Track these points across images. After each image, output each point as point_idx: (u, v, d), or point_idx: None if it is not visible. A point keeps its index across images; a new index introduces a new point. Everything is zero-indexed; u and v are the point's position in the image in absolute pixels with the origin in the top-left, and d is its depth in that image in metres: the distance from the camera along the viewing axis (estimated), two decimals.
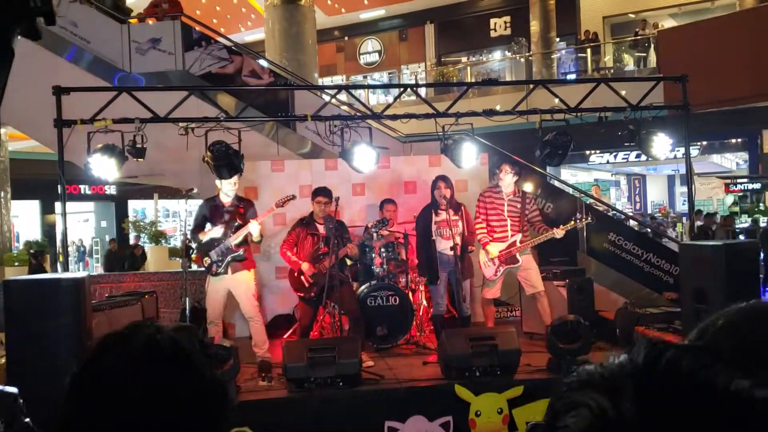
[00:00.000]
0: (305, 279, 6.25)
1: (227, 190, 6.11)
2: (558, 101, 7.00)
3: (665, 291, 7.82)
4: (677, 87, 6.97)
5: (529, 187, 8.46)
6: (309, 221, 6.38)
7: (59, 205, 6.10)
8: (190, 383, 0.89)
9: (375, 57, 24.82)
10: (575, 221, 6.47)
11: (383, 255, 7.13)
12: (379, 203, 7.52)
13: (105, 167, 6.08)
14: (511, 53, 21.04)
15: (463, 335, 5.59)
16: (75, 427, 0.89)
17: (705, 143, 17.91)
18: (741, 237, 13.72)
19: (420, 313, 7.19)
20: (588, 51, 18.54)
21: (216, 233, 6.03)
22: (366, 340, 6.45)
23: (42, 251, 15.94)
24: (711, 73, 10.60)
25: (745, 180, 17.80)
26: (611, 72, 17.90)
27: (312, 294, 6.23)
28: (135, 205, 21.42)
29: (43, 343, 4.49)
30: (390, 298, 6.84)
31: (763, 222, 15.62)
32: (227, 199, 6.13)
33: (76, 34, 8.46)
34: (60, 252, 6.49)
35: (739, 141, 18.08)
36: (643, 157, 8.86)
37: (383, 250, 7.15)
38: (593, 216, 6.76)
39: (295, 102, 8.99)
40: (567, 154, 6.85)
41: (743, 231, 14.54)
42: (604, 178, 22.00)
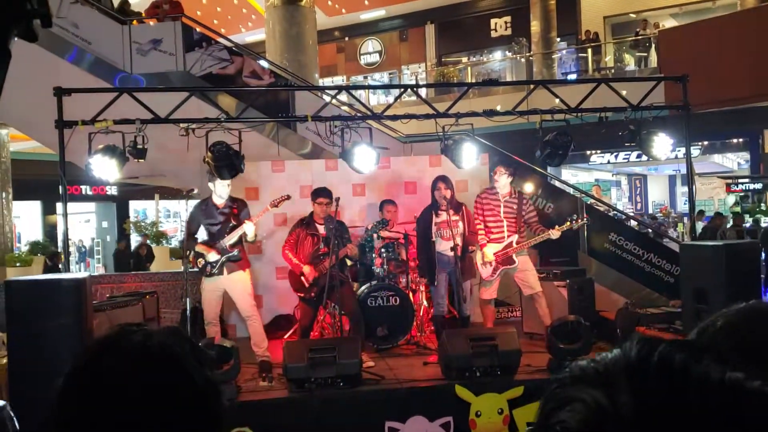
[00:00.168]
0: (305, 279, 6.25)
1: (221, 191, 6.11)
2: (558, 101, 7.00)
3: (666, 293, 7.82)
4: (678, 87, 6.97)
5: (530, 188, 8.47)
6: (309, 222, 6.39)
7: (60, 206, 6.12)
8: (182, 388, 0.88)
9: (375, 57, 24.82)
10: (571, 222, 6.49)
11: (383, 255, 7.13)
12: (379, 204, 7.53)
13: (106, 168, 6.09)
14: (512, 53, 21.03)
15: (464, 336, 5.59)
16: None
17: (706, 143, 17.89)
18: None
19: (420, 314, 7.19)
20: (589, 51, 18.52)
21: (210, 258, 6.01)
22: (366, 340, 6.45)
23: (57, 252, 16.01)
24: (712, 73, 10.60)
25: (747, 180, 17.78)
26: (612, 72, 17.88)
27: (312, 294, 6.24)
28: (136, 206, 21.44)
29: (44, 344, 4.49)
30: (390, 298, 6.85)
31: (765, 222, 15.61)
32: (220, 201, 6.13)
33: (77, 35, 8.46)
34: (61, 252, 6.49)
35: (740, 141, 18.06)
36: (644, 157, 8.84)
37: (383, 250, 7.16)
38: (588, 217, 6.76)
39: (296, 102, 9.00)
40: (567, 154, 6.85)
41: (745, 231, 14.51)
42: (604, 178, 21.98)
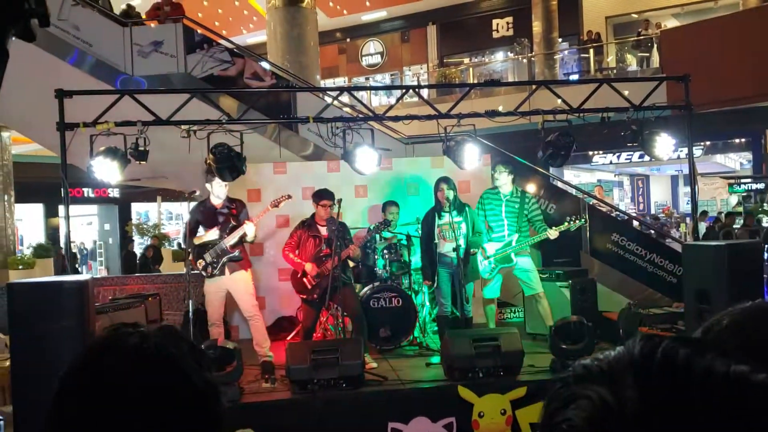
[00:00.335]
0: (308, 281, 6.25)
1: (218, 192, 6.12)
2: (560, 102, 6.98)
3: (668, 294, 7.79)
4: (680, 87, 6.95)
5: (532, 188, 8.46)
6: (310, 223, 6.38)
7: (62, 208, 6.11)
8: (180, 390, 0.87)
9: (377, 59, 24.82)
10: (568, 223, 6.50)
11: (386, 256, 7.13)
12: (382, 205, 7.52)
13: (107, 170, 6.09)
14: (514, 54, 21.02)
15: (466, 336, 5.59)
16: None
17: (708, 143, 17.87)
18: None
19: (423, 315, 7.18)
20: (590, 51, 18.50)
21: (211, 236, 6.03)
22: (369, 341, 6.44)
23: (73, 253, 16.05)
24: (714, 73, 10.58)
25: (749, 180, 17.76)
26: (614, 72, 17.86)
27: (315, 296, 6.23)
28: (138, 208, 21.47)
29: (47, 346, 4.49)
30: (393, 299, 6.84)
31: (767, 222, 15.58)
32: (218, 201, 6.14)
33: (78, 37, 8.47)
34: (63, 255, 6.49)
35: (743, 141, 18.03)
36: (646, 158, 8.84)
37: (386, 251, 7.15)
38: (585, 217, 6.76)
39: (297, 104, 8.99)
40: (570, 154, 6.84)
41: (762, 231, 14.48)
42: (607, 178, 21.96)
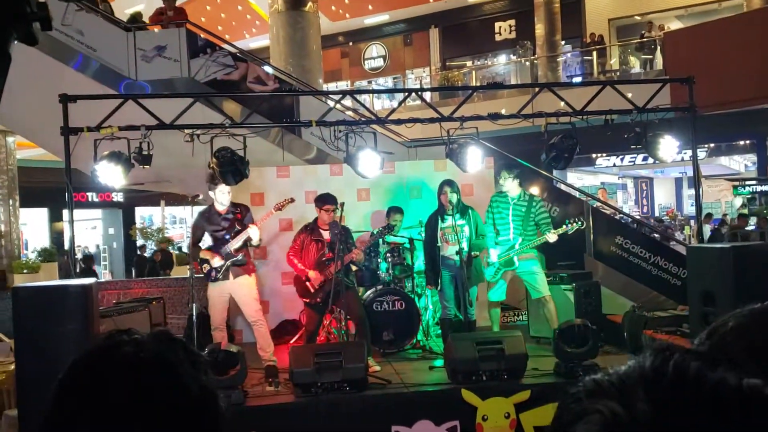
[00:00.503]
0: (311, 285, 6.25)
1: (221, 199, 6.13)
2: (564, 104, 6.98)
3: (673, 297, 7.77)
4: (684, 89, 6.94)
5: (536, 191, 8.45)
6: (313, 227, 6.39)
7: (67, 213, 6.13)
8: (178, 398, 0.86)
9: (380, 62, 24.85)
10: (566, 225, 6.49)
11: (389, 260, 7.13)
12: (386, 210, 7.52)
13: (111, 174, 6.10)
14: (516, 57, 21.02)
15: (470, 339, 5.58)
16: None
17: (712, 145, 17.81)
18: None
19: (426, 318, 7.18)
20: (594, 54, 18.50)
21: (215, 263, 6.04)
22: (372, 344, 6.44)
23: (90, 255, 16.11)
24: (718, 75, 10.55)
25: (754, 182, 17.69)
26: (617, 74, 17.86)
27: (318, 299, 6.23)
28: (142, 212, 21.53)
29: (52, 350, 4.49)
30: (396, 302, 6.84)
31: None
32: (222, 207, 6.15)
33: (82, 42, 8.51)
34: (68, 259, 6.51)
35: (747, 143, 17.97)
36: (650, 160, 8.82)
37: (389, 254, 7.15)
38: (582, 220, 6.76)
39: (300, 108, 9.01)
40: (573, 157, 6.83)
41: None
42: (610, 181, 21.94)
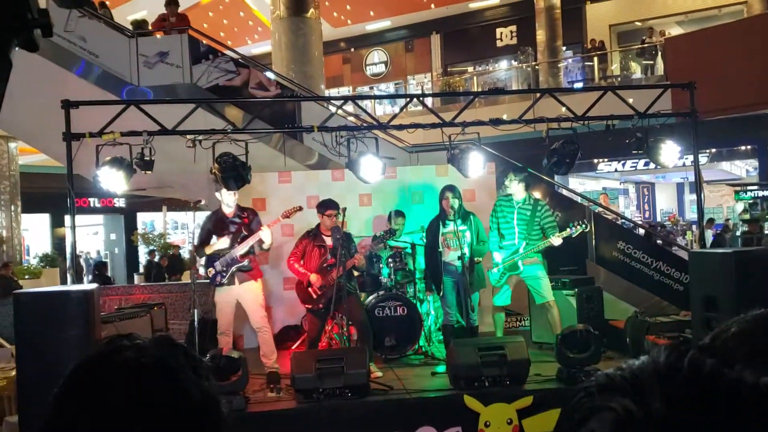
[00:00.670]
0: (313, 291, 6.24)
1: (228, 200, 6.14)
2: (565, 110, 6.98)
3: (675, 302, 7.75)
4: (685, 94, 6.94)
5: (538, 196, 8.44)
6: (316, 233, 6.39)
7: (69, 218, 6.13)
8: (180, 404, 0.85)
9: (381, 68, 24.90)
10: (570, 228, 6.48)
11: (391, 265, 7.12)
12: (389, 214, 7.51)
13: (113, 180, 6.11)
14: (518, 63, 21.05)
15: (472, 345, 5.57)
16: None
17: (714, 151, 17.80)
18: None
19: (428, 323, 7.17)
20: (595, 59, 18.53)
21: (222, 244, 6.04)
22: (374, 350, 6.43)
23: (104, 262, 16.12)
24: (719, 80, 10.55)
25: (756, 187, 17.66)
26: (618, 80, 17.86)
27: (320, 305, 6.23)
28: (144, 218, 21.54)
29: (53, 355, 4.49)
30: (398, 308, 6.83)
31: None
32: (230, 210, 6.16)
33: (84, 48, 8.53)
34: (70, 265, 6.52)
35: (749, 148, 17.96)
36: (652, 165, 8.79)
37: (391, 260, 7.14)
38: (587, 223, 6.75)
39: (302, 113, 9.02)
40: (574, 162, 6.84)
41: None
42: (612, 186, 21.91)
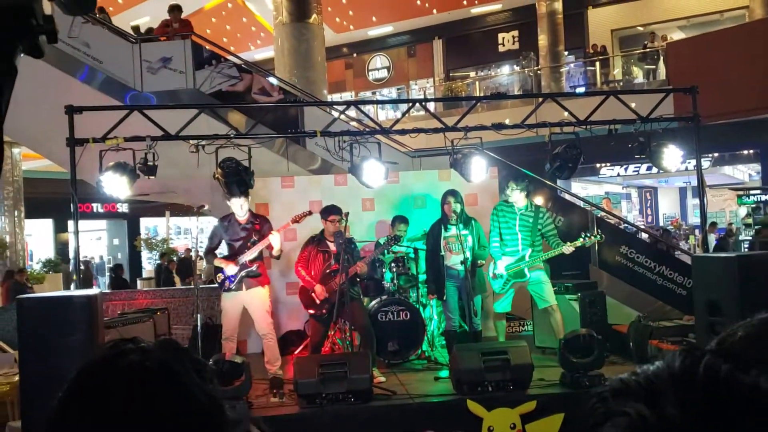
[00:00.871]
0: (316, 296, 6.25)
1: (237, 210, 6.15)
2: (567, 114, 6.99)
3: (678, 306, 7.73)
4: (687, 99, 6.94)
5: (540, 201, 8.44)
6: (320, 239, 6.40)
7: (72, 224, 6.14)
8: (185, 408, 0.84)
9: (384, 73, 24.93)
10: (584, 239, 6.45)
11: (394, 270, 7.12)
12: (391, 220, 7.51)
13: (117, 185, 6.13)
14: (520, 67, 21.07)
15: (475, 350, 5.56)
16: None
17: (716, 155, 17.78)
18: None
19: (431, 328, 7.16)
20: (597, 64, 18.53)
21: (229, 271, 6.05)
22: (377, 355, 6.43)
23: (120, 265, 16.11)
24: (721, 85, 10.56)
25: (758, 191, 17.63)
26: (620, 85, 17.87)
27: (323, 311, 6.23)
28: (147, 223, 21.58)
29: (56, 361, 4.49)
30: (401, 313, 6.82)
31: None
32: (243, 217, 6.16)
33: (88, 54, 8.56)
34: (73, 270, 6.53)
35: (751, 152, 17.94)
36: (654, 170, 8.82)
37: (393, 264, 7.14)
38: (601, 233, 6.74)
39: (305, 118, 9.04)
40: (577, 167, 6.84)
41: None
42: (614, 190, 21.88)
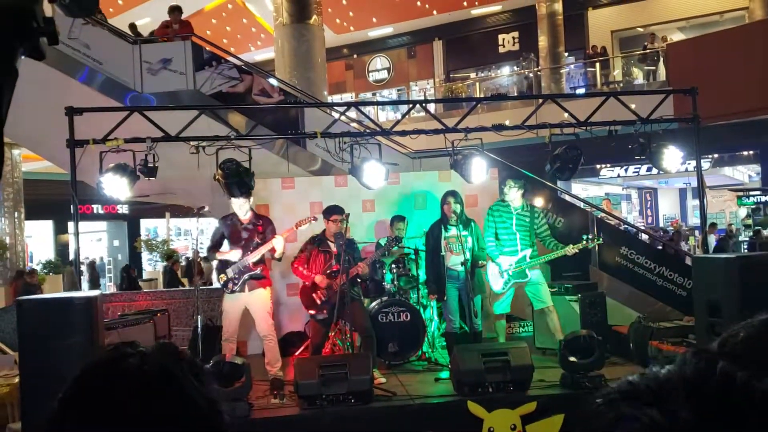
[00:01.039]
0: (317, 296, 6.24)
1: (238, 211, 6.14)
2: (567, 115, 6.99)
3: (679, 309, 7.73)
4: (687, 100, 6.95)
5: (540, 202, 8.44)
6: (321, 239, 6.40)
7: (72, 225, 6.14)
8: (182, 411, 0.84)
9: (384, 74, 24.94)
10: (586, 241, 6.46)
11: (394, 271, 7.12)
12: (390, 220, 7.51)
13: (117, 186, 6.13)
14: (520, 69, 21.08)
15: (476, 351, 5.56)
16: None
17: (716, 156, 17.80)
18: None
19: (431, 329, 7.16)
20: (597, 65, 18.54)
21: (233, 256, 6.04)
22: (377, 356, 6.42)
23: (130, 265, 16.07)
24: (721, 86, 10.57)
25: (758, 192, 17.65)
26: (620, 86, 17.87)
27: (324, 312, 6.23)
28: (147, 224, 21.60)
29: (56, 362, 4.49)
30: (401, 314, 6.82)
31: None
32: (245, 217, 6.16)
33: (88, 55, 8.56)
34: (74, 271, 6.53)
35: (751, 153, 17.95)
36: (654, 171, 8.81)
37: (394, 266, 7.14)
38: (601, 238, 6.75)
39: (305, 119, 9.04)
40: (577, 168, 6.84)
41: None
42: (615, 191, 21.89)
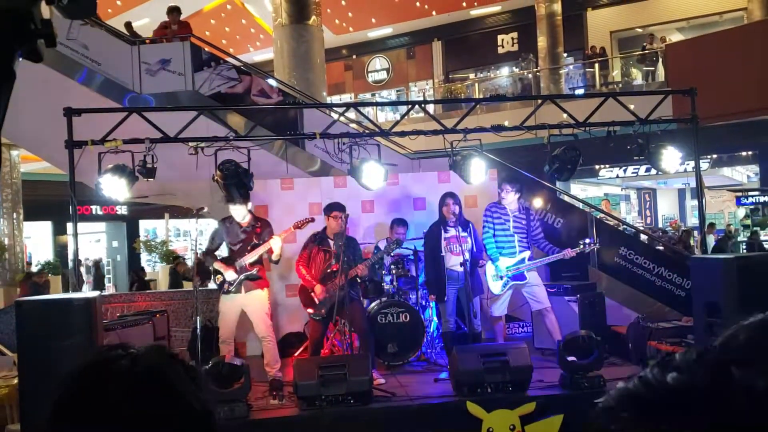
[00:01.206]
0: (316, 296, 6.25)
1: (236, 215, 6.14)
2: (566, 116, 6.99)
3: (678, 309, 7.73)
4: (686, 100, 6.96)
5: (539, 203, 8.44)
6: (322, 237, 6.40)
7: (71, 226, 6.14)
8: (175, 413, 0.84)
9: (383, 75, 24.95)
10: (584, 246, 6.49)
11: (393, 272, 7.11)
12: (390, 223, 7.50)
13: (116, 187, 6.13)
14: (519, 69, 21.08)
15: (475, 352, 5.57)
16: None
17: (715, 156, 17.80)
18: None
19: (431, 330, 7.16)
20: (596, 66, 18.55)
21: (228, 276, 6.05)
22: (377, 357, 6.43)
23: (142, 268, 16.04)
24: (720, 86, 10.57)
25: (757, 193, 17.67)
26: (619, 86, 17.89)
27: (323, 311, 6.23)
28: (146, 225, 21.57)
29: (55, 363, 4.50)
30: (400, 314, 6.82)
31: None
32: (243, 220, 6.16)
33: (87, 56, 8.56)
34: (72, 272, 6.52)
35: (750, 154, 17.96)
36: (653, 171, 8.82)
37: (393, 266, 7.14)
38: (598, 243, 6.80)
39: (304, 120, 9.04)
40: (576, 168, 6.85)
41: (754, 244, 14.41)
42: (613, 192, 21.89)
